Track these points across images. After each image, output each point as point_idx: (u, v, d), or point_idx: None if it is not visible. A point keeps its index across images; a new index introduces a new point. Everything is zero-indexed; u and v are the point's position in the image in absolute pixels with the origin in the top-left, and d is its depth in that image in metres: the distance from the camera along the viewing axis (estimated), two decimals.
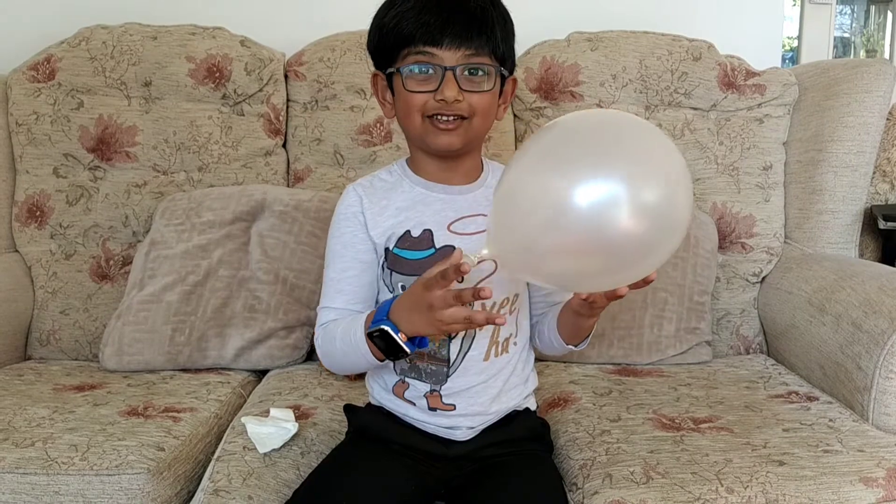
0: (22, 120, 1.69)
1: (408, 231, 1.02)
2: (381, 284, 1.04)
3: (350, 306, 1.03)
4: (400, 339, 0.89)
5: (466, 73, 0.96)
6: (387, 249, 1.03)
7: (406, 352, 0.90)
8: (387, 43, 0.98)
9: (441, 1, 0.95)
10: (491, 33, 0.96)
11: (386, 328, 0.89)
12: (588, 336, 1.07)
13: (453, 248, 1.00)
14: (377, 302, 1.05)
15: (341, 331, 0.98)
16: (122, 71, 1.70)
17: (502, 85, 1.02)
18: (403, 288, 1.01)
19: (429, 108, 0.97)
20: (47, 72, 1.70)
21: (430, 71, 0.96)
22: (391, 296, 1.02)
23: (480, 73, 0.97)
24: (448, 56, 0.95)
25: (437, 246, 1.01)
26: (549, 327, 1.08)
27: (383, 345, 0.90)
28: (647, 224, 0.78)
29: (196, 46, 1.71)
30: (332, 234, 1.06)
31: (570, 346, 1.07)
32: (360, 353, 0.95)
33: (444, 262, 0.86)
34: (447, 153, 1.02)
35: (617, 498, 0.98)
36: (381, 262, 1.04)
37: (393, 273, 1.02)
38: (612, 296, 0.90)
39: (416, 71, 0.96)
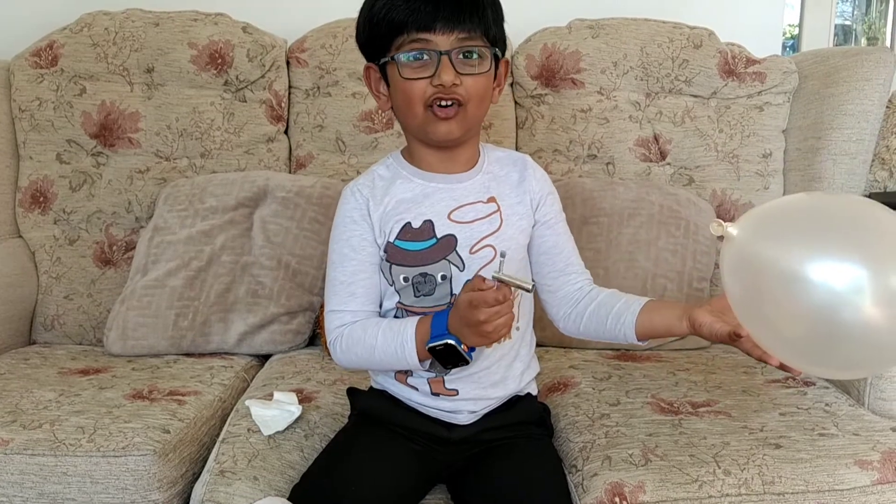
0: (25, 106, 1.69)
1: (408, 223, 1.02)
2: (381, 278, 1.04)
3: (365, 307, 1.03)
4: (463, 349, 0.95)
5: (461, 56, 0.96)
6: (388, 243, 1.02)
7: (467, 361, 0.96)
8: (378, 33, 0.97)
9: None
10: (483, 15, 0.96)
11: (451, 342, 0.94)
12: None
13: (454, 237, 1.01)
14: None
15: (382, 337, 0.99)
16: (125, 57, 1.70)
17: (496, 67, 1.02)
18: (405, 280, 1.02)
19: (427, 94, 0.97)
20: (50, 58, 1.70)
21: (426, 57, 0.96)
22: (391, 289, 1.03)
23: (475, 55, 0.97)
24: (442, 40, 0.95)
25: (439, 236, 1.01)
26: (619, 321, 1.03)
27: (444, 356, 0.96)
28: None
29: (198, 33, 1.71)
30: (336, 236, 1.05)
31: (639, 343, 1.04)
32: (405, 360, 0.98)
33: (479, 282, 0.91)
34: (447, 142, 1.01)
35: (616, 479, 1.00)
36: (382, 257, 1.04)
37: (392, 266, 1.02)
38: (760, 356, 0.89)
39: (412, 58, 0.96)
